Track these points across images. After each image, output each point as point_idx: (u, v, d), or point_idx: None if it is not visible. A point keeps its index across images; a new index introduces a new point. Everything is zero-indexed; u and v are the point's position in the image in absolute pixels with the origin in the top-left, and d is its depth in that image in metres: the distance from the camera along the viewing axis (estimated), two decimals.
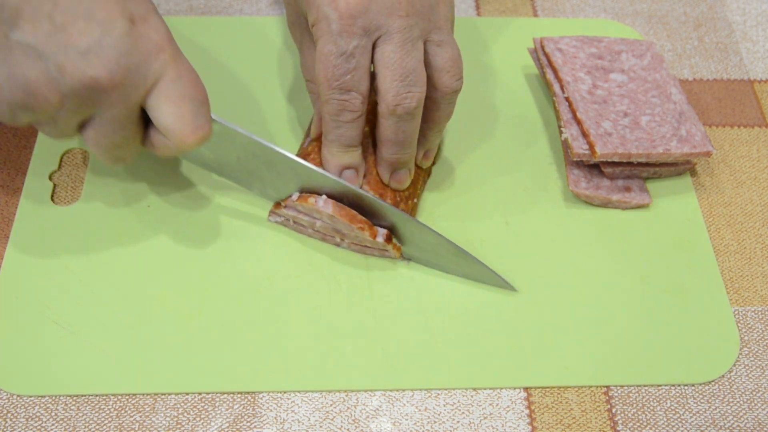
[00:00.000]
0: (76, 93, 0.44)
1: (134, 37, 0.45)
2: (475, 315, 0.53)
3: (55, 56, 0.43)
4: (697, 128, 0.59)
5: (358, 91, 0.50)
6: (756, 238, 0.59)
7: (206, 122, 0.47)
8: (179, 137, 0.47)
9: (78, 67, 0.43)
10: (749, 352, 0.53)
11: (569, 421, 0.50)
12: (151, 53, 0.45)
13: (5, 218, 0.57)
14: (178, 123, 0.46)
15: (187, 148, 0.48)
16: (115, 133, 0.48)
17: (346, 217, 0.52)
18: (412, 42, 0.50)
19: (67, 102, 0.45)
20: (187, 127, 0.47)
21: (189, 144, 0.47)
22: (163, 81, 0.46)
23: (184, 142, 0.47)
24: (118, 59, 0.44)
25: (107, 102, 0.45)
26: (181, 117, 0.46)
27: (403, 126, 0.52)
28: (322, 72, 0.50)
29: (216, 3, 0.71)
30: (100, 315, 0.52)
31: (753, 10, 0.73)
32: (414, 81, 0.50)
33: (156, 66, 0.46)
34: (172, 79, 0.46)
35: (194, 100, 0.47)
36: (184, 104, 0.46)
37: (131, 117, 0.47)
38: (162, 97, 0.46)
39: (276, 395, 0.50)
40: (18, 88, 0.44)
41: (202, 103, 0.47)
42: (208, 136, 0.48)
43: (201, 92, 0.47)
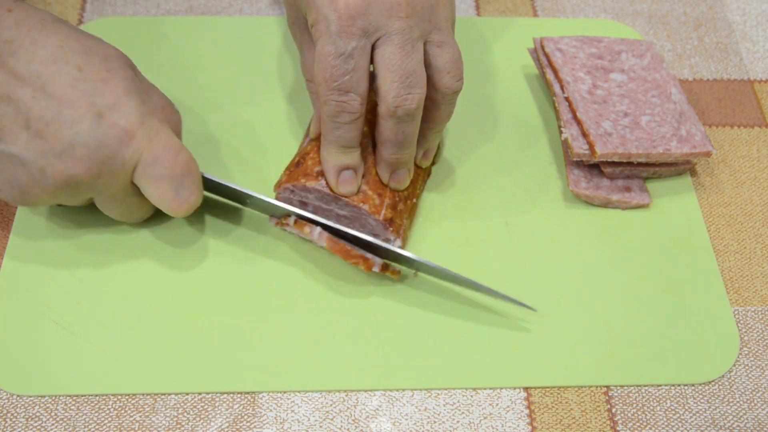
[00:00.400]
0: (62, 189, 0.49)
1: (103, 130, 0.48)
2: (475, 315, 0.53)
3: (35, 161, 0.48)
4: (697, 128, 0.59)
5: (356, 92, 0.50)
6: (756, 238, 0.59)
7: (191, 194, 0.51)
8: (169, 211, 0.51)
9: (56, 168, 0.48)
10: (749, 352, 0.53)
11: (569, 421, 0.50)
12: (122, 141, 0.48)
13: (5, 218, 0.57)
14: (164, 201, 0.51)
15: (180, 216, 0.52)
16: (119, 207, 0.52)
17: (340, 253, 0.52)
18: (411, 43, 0.50)
19: (58, 195, 0.49)
20: (173, 203, 0.51)
21: (179, 215, 0.52)
22: (141, 164, 0.49)
23: (174, 214, 0.51)
24: (91, 155, 0.48)
25: (95, 189, 0.50)
26: (164, 195, 0.50)
27: (403, 127, 0.52)
28: (321, 72, 0.50)
29: (216, 3, 0.71)
30: (100, 315, 0.52)
31: (753, 10, 0.73)
32: (414, 82, 0.50)
33: (129, 152, 0.49)
34: (148, 163, 0.49)
35: (173, 177, 0.50)
36: (163, 185, 0.50)
37: (126, 193, 0.51)
38: (142, 179, 0.50)
39: (276, 395, 0.50)
40: (14, 189, 0.49)
41: (183, 177, 0.50)
42: (196, 205, 0.52)
43: (180, 166, 0.50)
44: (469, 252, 0.56)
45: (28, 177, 0.48)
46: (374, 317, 0.53)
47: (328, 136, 0.52)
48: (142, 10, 0.70)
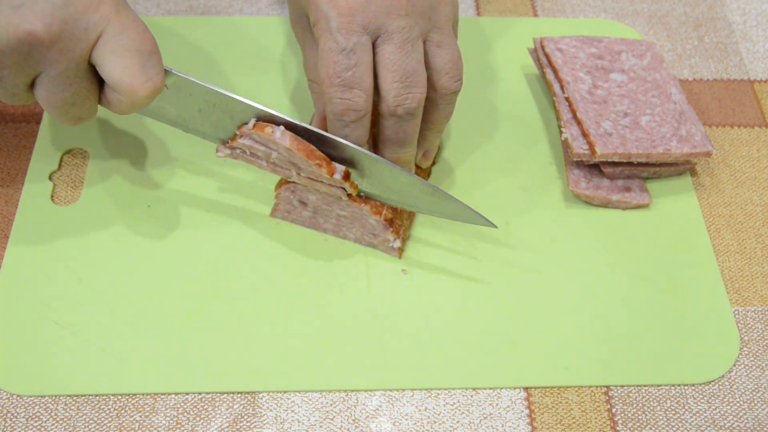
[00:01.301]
0: (14, 49, 0.43)
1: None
2: (475, 315, 0.53)
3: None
4: (697, 128, 0.59)
5: (360, 88, 0.50)
6: (756, 238, 0.59)
7: (156, 73, 0.46)
8: (129, 91, 0.46)
9: (12, 21, 0.42)
10: (749, 352, 0.53)
11: (569, 421, 0.50)
12: (89, 5, 0.44)
13: (5, 218, 0.57)
14: (126, 76, 0.45)
15: (140, 101, 0.46)
16: (65, 90, 0.46)
17: (304, 152, 0.49)
18: (411, 42, 0.50)
19: (6, 59, 0.44)
20: (136, 79, 0.45)
21: (140, 97, 0.46)
22: (106, 34, 0.45)
23: (134, 95, 0.46)
24: (53, 11, 0.43)
25: (49, 57, 0.44)
26: (128, 69, 0.45)
27: (404, 126, 0.52)
28: (324, 70, 0.50)
29: (216, 3, 0.71)
30: (100, 315, 0.52)
31: (753, 10, 0.73)
32: (414, 82, 0.50)
33: (96, 18, 0.44)
34: (115, 32, 0.45)
35: (141, 51, 0.45)
36: (130, 57, 0.45)
37: (79, 73, 0.46)
38: (107, 50, 0.45)
39: (276, 395, 0.50)
40: None
41: (151, 54, 0.46)
42: (160, 88, 0.47)
43: (148, 43, 0.46)
44: (469, 252, 0.56)
45: None
46: (374, 317, 0.53)
47: (334, 134, 0.52)
48: (142, 10, 0.70)
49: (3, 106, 0.63)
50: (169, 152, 0.60)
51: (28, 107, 0.63)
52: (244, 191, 0.59)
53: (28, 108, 0.63)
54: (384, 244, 0.55)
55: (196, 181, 0.59)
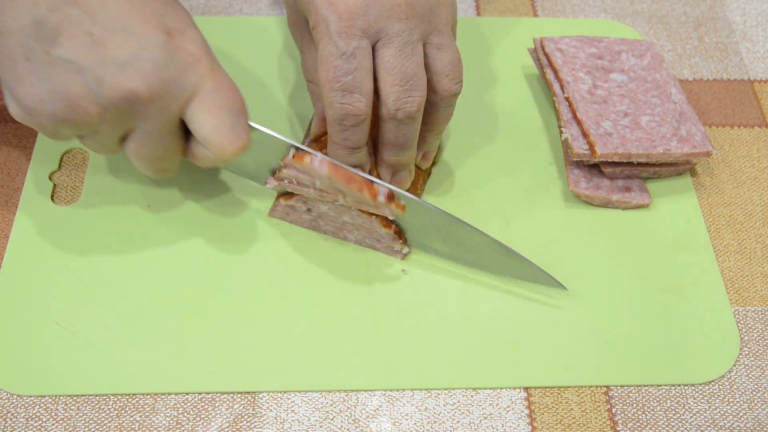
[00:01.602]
0: (115, 105, 0.45)
1: (171, 50, 0.45)
2: (475, 315, 0.53)
3: (94, 70, 0.44)
4: (697, 128, 0.59)
5: (360, 92, 0.50)
6: (756, 238, 0.59)
7: (245, 132, 0.48)
8: (218, 148, 0.48)
9: (116, 79, 0.45)
10: (749, 352, 0.53)
11: (569, 421, 0.50)
12: (188, 65, 0.46)
13: (5, 218, 0.57)
14: (217, 134, 0.47)
15: (227, 158, 0.48)
16: (156, 145, 0.49)
17: (343, 178, 0.50)
18: (411, 45, 0.50)
19: (107, 114, 0.46)
20: (226, 137, 0.47)
21: (228, 154, 0.48)
22: (201, 92, 0.47)
23: (223, 152, 0.48)
24: (156, 71, 0.45)
25: (146, 114, 0.46)
26: (220, 128, 0.47)
27: (404, 129, 0.52)
28: (324, 74, 0.50)
29: (216, 3, 0.71)
30: (100, 315, 0.52)
31: (753, 10, 0.73)
32: (414, 85, 0.50)
33: (193, 78, 0.46)
34: (209, 91, 0.47)
35: (232, 110, 0.48)
36: (221, 115, 0.47)
37: (171, 129, 0.48)
38: (200, 108, 0.47)
39: (276, 395, 0.50)
40: (60, 101, 0.45)
41: (240, 113, 0.48)
42: (247, 146, 0.49)
43: (239, 102, 0.48)
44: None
45: (81, 86, 0.45)
46: (374, 317, 0.53)
47: (334, 138, 0.52)
48: None
49: (3, 106, 0.63)
50: None
51: None
52: (244, 191, 0.59)
53: None
54: (387, 249, 0.55)
55: (195, 181, 0.59)
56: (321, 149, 0.54)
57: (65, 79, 0.45)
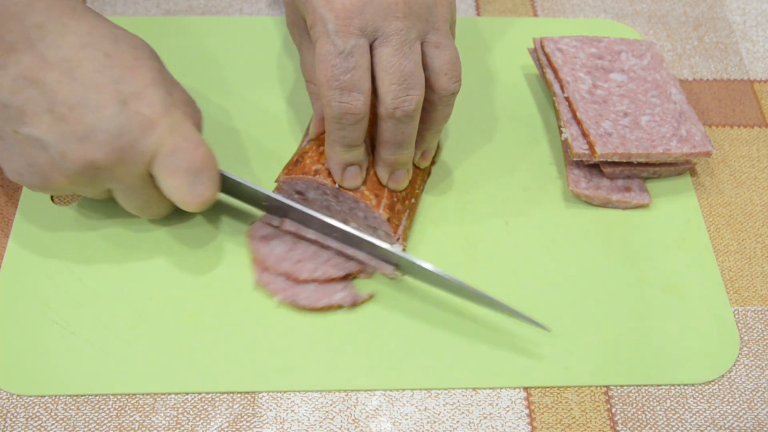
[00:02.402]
0: (81, 174, 0.48)
1: (125, 117, 0.48)
2: (475, 315, 0.53)
3: (57, 145, 0.47)
4: (697, 128, 0.59)
5: (359, 90, 0.50)
6: (756, 238, 0.59)
7: (206, 189, 0.50)
8: (182, 205, 0.51)
9: (76, 152, 0.47)
10: (749, 352, 0.53)
11: (569, 421, 0.50)
12: (144, 130, 0.48)
13: (5, 218, 0.57)
14: (177, 194, 0.50)
15: (194, 211, 0.51)
16: (137, 198, 0.52)
17: None
18: (409, 44, 0.50)
19: (77, 181, 0.49)
20: (186, 196, 0.50)
21: (193, 210, 0.51)
22: (160, 155, 0.49)
23: (187, 208, 0.51)
24: (111, 141, 0.48)
25: (113, 177, 0.49)
26: (179, 189, 0.50)
27: (402, 128, 0.52)
28: (322, 73, 0.50)
29: (216, 3, 0.71)
30: (100, 315, 0.52)
31: (753, 10, 0.73)
32: (412, 84, 0.50)
33: (150, 141, 0.48)
34: (167, 153, 0.49)
35: (190, 171, 0.50)
36: (180, 177, 0.49)
37: (145, 185, 0.51)
38: (160, 169, 0.49)
39: (276, 395, 0.50)
40: (34, 174, 0.49)
41: (200, 171, 0.50)
42: (211, 200, 0.51)
43: (198, 161, 0.50)
44: (469, 252, 0.56)
45: (48, 161, 0.48)
46: (374, 317, 0.53)
47: (332, 136, 0.52)
48: (142, 10, 0.70)
49: None
50: None
51: None
52: None
53: None
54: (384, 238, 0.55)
55: None
56: (319, 146, 0.54)
57: (34, 155, 0.48)
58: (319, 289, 0.53)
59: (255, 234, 0.55)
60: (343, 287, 0.53)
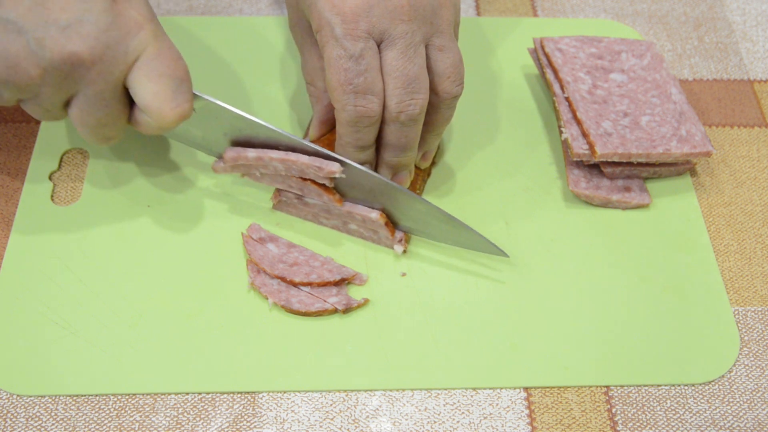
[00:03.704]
0: (57, 67, 0.45)
1: (114, 14, 0.45)
2: (475, 315, 0.53)
3: (35, 31, 0.44)
4: (697, 128, 0.59)
5: (373, 93, 0.50)
6: (756, 238, 0.59)
7: (185, 100, 0.48)
8: (158, 115, 0.47)
9: (58, 41, 0.44)
10: (749, 352, 0.53)
11: (569, 421, 0.50)
12: (130, 30, 0.46)
13: (5, 218, 0.57)
14: (157, 101, 0.47)
15: (168, 125, 0.48)
16: (99, 110, 0.48)
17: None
18: (414, 47, 0.50)
19: (48, 77, 0.45)
20: (166, 104, 0.47)
21: (168, 121, 0.48)
22: (143, 58, 0.46)
23: (163, 119, 0.48)
24: (98, 35, 0.45)
25: (88, 78, 0.46)
26: (160, 94, 0.47)
27: (406, 131, 0.52)
28: (335, 77, 0.49)
29: (216, 3, 0.71)
30: (100, 315, 0.52)
31: (753, 10, 0.73)
32: (417, 88, 0.50)
33: (135, 43, 0.46)
34: (151, 57, 0.47)
35: (173, 77, 0.47)
36: (162, 82, 0.47)
37: (114, 94, 0.47)
38: (141, 74, 0.47)
39: (276, 395, 0.50)
40: (3, 62, 0.44)
41: (182, 81, 0.48)
42: (188, 114, 0.48)
43: (180, 70, 0.48)
44: (469, 252, 0.56)
45: (21, 47, 0.44)
46: (374, 317, 0.53)
47: (346, 138, 0.52)
48: None
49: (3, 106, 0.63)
50: (168, 152, 0.60)
51: None
52: (243, 192, 0.59)
53: None
54: (385, 240, 0.55)
55: (195, 181, 0.59)
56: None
57: (5, 39, 0.44)
58: (313, 292, 0.53)
59: (251, 236, 0.55)
60: (337, 292, 0.53)
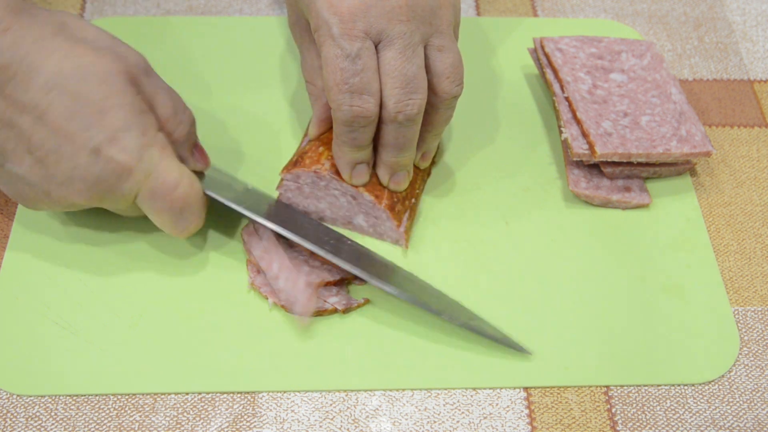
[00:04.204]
0: (69, 208, 0.51)
1: (100, 167, 0.48)
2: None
3: (40, 185, 0.49)
4: (697, 128, 0.59)
5: (369, 93, 0.49)
6: (756, 238, 0.59)
7: (190, 223, 0.52)
8: (171, 234, 0.52)
9: (59, 193, 0.49)
10: (749, 352, 0.53)
11: (569, 421, 0.50)
12: (120, 177, 0.48)
13: (5, 218, 0.57)
14: (165, 228, 0.52)
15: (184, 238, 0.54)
16: (131, 213, 0.52)
17: None
18: (412, 48, 0.50)
19: (69, 209, 0.52)
20: (173, 231, 0.52)
21: (181, 238, 0.54)
22: (140, 198, 0.50)
23: (176, 237, 0.53)
24: (89, 188, 0.49)
25: (106, 205, 0.51)
26: (164, 226, 0.51)
27: (404, 131, 0.52)
28: (330, 76, 0.49)
29: (216, 3, 0.71)
30: (100, 315, 0.52)
31: (753, 10, 0.73)
32: (415, 88, 0.50)
33: (127, 187, 0.49)
34: (146, 198, 0.50)
35: (172, 210, 0.50)
36: (163, 216, 0.51)
37: (134, 209, 0.52)
38: (144, 208, 0.51)
39: (276, 395, 0.50)
40: (25, 201, 0.51)
41: (181, 211, 0.51)
42: (196, 229, 0.52)
43: (179, 202, 0.50)
44: (469, 252, 0.56)
45: (35, 195, 0.50)
46: (374, 317, 0.53)
47: (342, 138, 0.52)
48: (141, 9, 0.70)
49: None
50: None
51: None
52: None
53: None
54: (389, 233, 0.55)
55: None
56: (319, 147, 0.55)
57: (22, 188, 0.50)
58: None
59: (250, 235, 0.55)
60: (337, 292, 0.53)
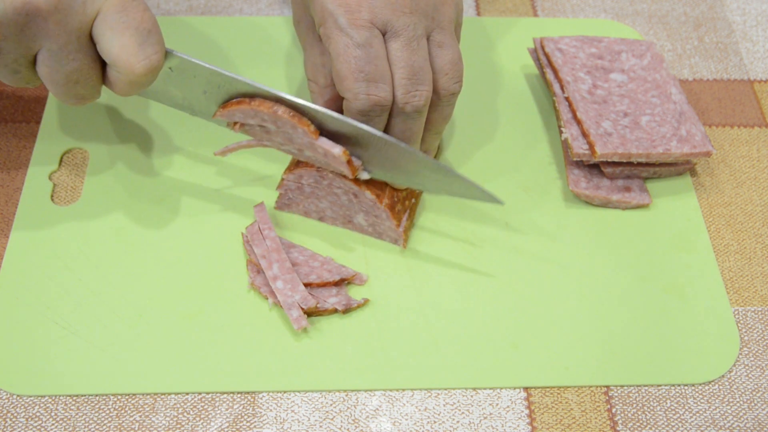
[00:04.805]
0: (11, 19, 0.44)
1: None
2: (475, 315, 0.53)
3: None
4: (697, 128, 0.59)
5: (383, 80, 0.49)
6: (756, 238, 0.59)
7: (154, 52, 0.46)
8: (126, 68, 0.46)
9: None
10: (749, 352, 0.53)
11: (569, 421, 0.50)
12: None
13: (5, 218, 0.57)
14: (124, 53, 0.46)
15: (138, 79, 0.47)
16: (67, 65, 0.46)
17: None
18: (417, 40, 0.50)
19: (5, 29, 0.44)
20: (133, 57, 0.46)
21: (138, 75, 0.46)
22: (106, 10, 0.45)
23: (132, 73, 0.46)
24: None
25: (47, 30, 0.44)
26: (126, 47, 0.45)
27: (410, 124, 0.51)
28: (344, 66, 0.49)
29: (216, 3, 0.71)
30: (100, 315, 0.52)
31: (753, 10, 0.73)
32: (421, 79, 0.50)
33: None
34: (114, 9, 0.45)
35: (139, 29, 0.46)
36: (128, 34, 0.45)
37: (80, 47, 0.46)
38: (105, 27, 0.45)
39: (276, 395, 0.50)
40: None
41: (149, 32, 0.46)
42: (158, 66, 0.47)
43: (147, 21, 0.46)
44: (469, 252, 0.56)
45: None
46: (374, 317, 0.53)
47: None
48: None
49: (3, 106, 0.63)
50: (169, 152, 0.60)
51: (29, 106, 0.63)
52: (244, 192, 0.59)
53: (28, 108, 0.63)
54: (389, 232, 0.55)
55: (196, 182, 0.59)
56: None
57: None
58: (312, 293, 0.53)
59: (252, 235, 0.55)
60: (337, 292, 0.53)
